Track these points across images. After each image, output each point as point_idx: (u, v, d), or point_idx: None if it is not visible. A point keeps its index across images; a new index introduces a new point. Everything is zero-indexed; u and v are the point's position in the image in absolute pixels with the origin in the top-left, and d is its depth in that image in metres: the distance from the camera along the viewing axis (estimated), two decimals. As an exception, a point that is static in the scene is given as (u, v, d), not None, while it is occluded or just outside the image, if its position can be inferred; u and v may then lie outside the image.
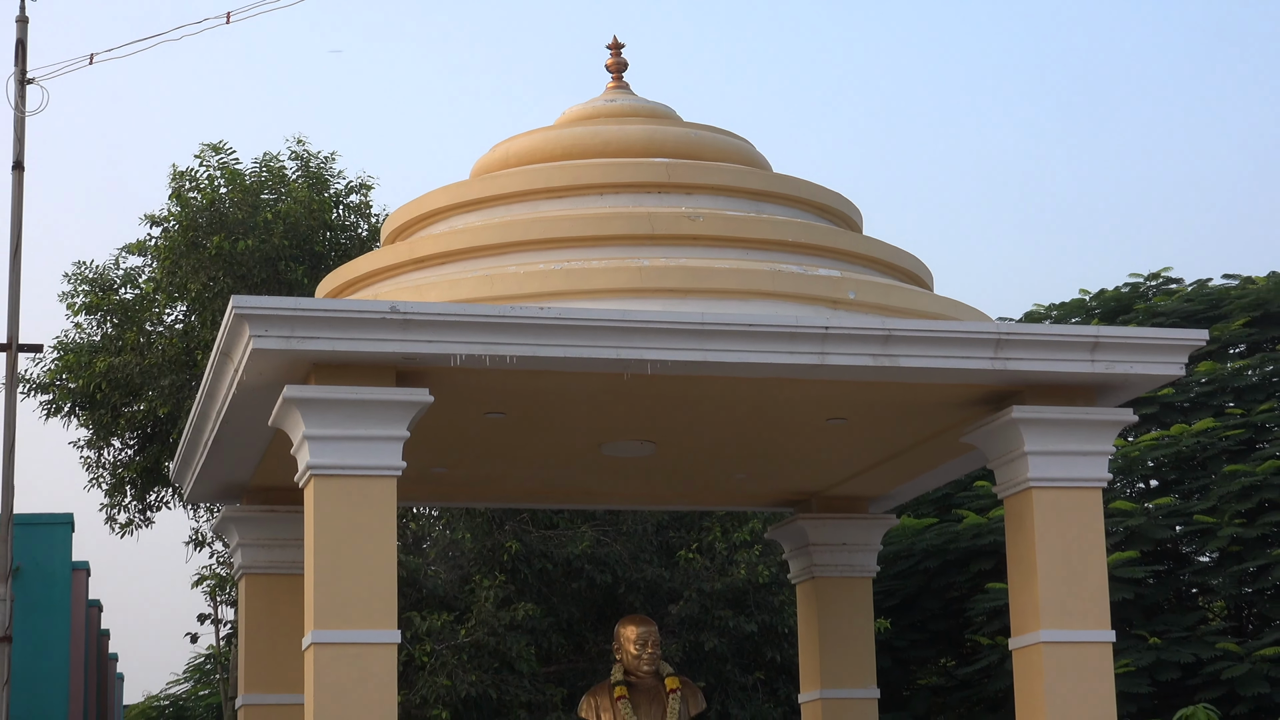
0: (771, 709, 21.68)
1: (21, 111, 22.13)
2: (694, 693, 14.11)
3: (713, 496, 16.70)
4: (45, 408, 24.44)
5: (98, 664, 30.51)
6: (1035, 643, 12.32)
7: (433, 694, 20.04)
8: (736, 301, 12.06)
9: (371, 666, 11.22)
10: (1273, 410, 26.31)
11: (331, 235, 23.97)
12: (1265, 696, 22.68)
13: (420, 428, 11.74)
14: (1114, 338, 12.36)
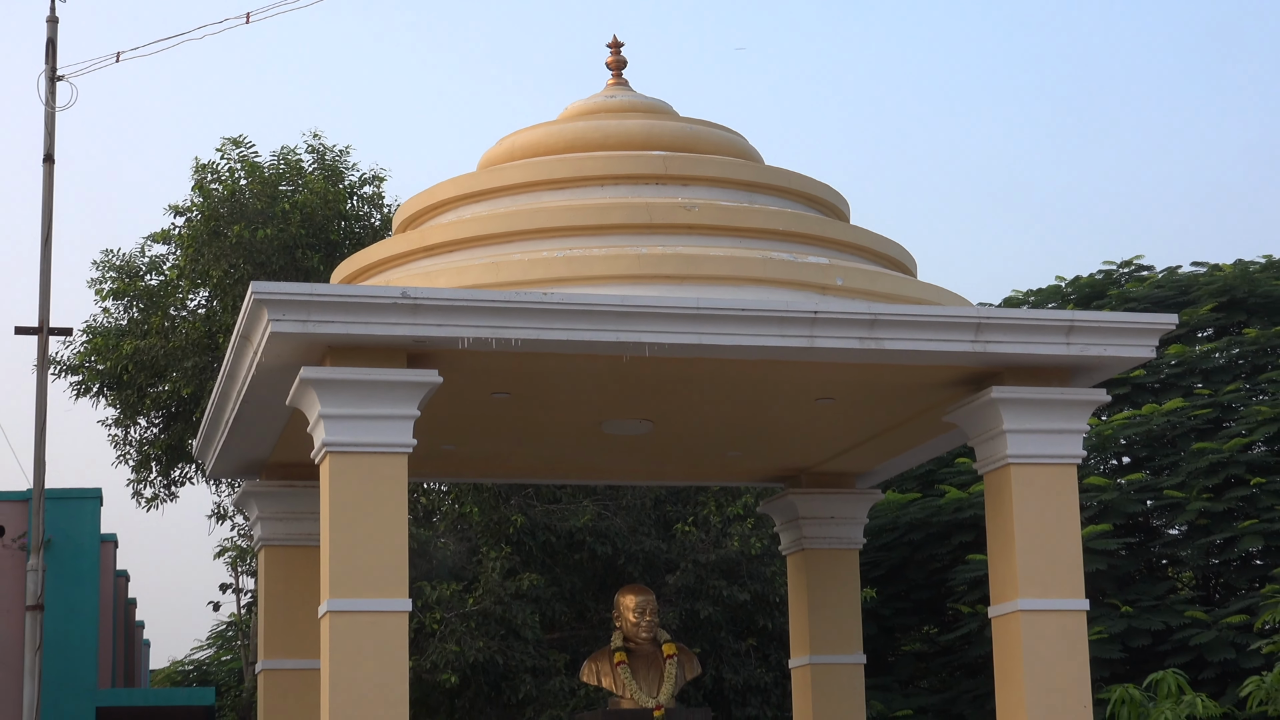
0: (763, 674, 21.71)
1: (52, 107, 22.14)
2: (690, 658, 14.12)
3: (707, 472, 16.70)
4: (75, 388, 24.46)
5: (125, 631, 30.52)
6: (1014, 611, 12.33)
7: (442, 659, 20.06)
8: (730, 287, 12.05)
9: (384, 633, 11.23)
10: (1239, 391, 26.35)
11: (346, 225, 23.97)
12: (1231, 662, 22.71)
13: (430, 407, 11.74)
14: (1088, 322, 12.36)
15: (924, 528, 25.54)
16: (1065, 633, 12.28)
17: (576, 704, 20.09)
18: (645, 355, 11.73)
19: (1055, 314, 12.36)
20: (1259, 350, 27.19)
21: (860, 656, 15.74)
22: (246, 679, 25.63)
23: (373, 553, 11.29)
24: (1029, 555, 12.32)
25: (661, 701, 13.66)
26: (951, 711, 24.50)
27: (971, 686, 24.20)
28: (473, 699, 20.58)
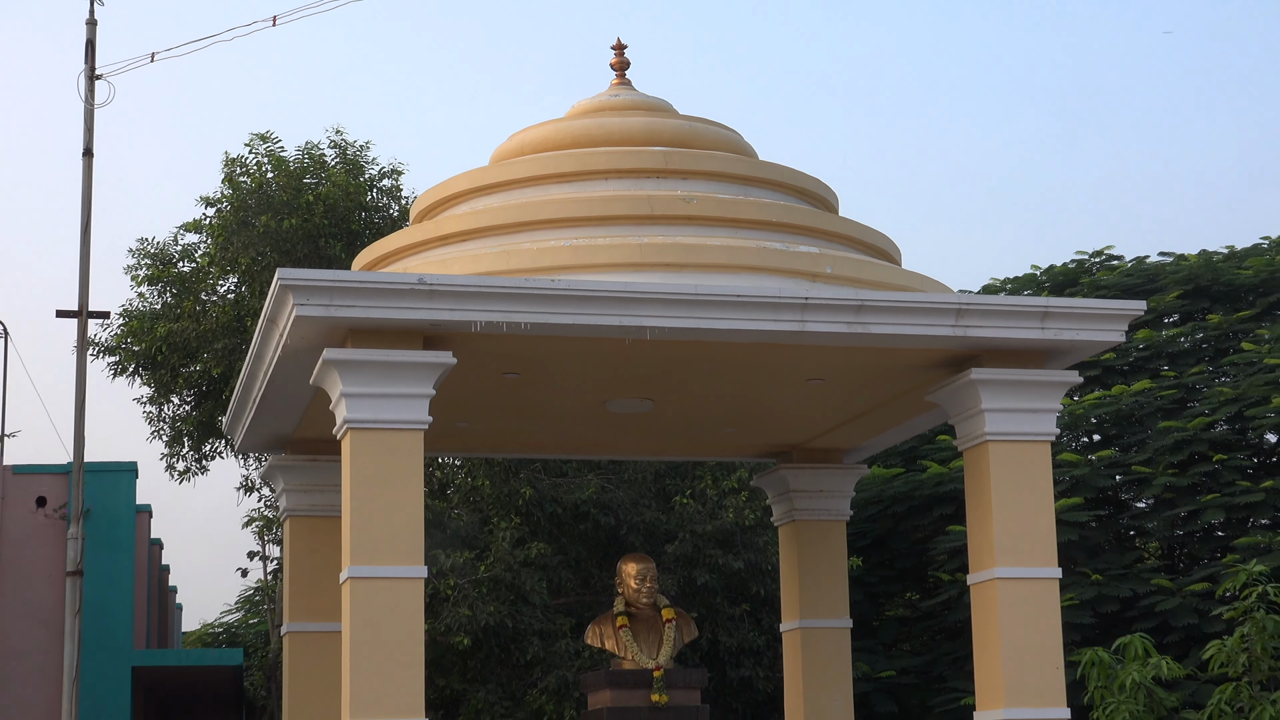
0: (756, 637, 21.72)
1: (91, 104, 22.12)
2: (687, 622, 14.14)
3: (704, 448, 16.71)
4: (112, 368, 24.46)
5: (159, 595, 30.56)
6: (991, 578, 12.35)
7: (456, 623, 20.08)
8: (726, 275, 12.06)
9: (401, 598, 11.25)
10: (1202, 373, 26.35)
11: (366, 215, 23.96)
12: (1194, 626, 22.72)
13: (444, 386, 11.74)
14: (1062, 308, 12.38)
15: (907, 501, 25.53)
16: (1039, 599, 12.30)
17: (581, 665, 20.11)
18: (646, 338, 11.75)
19: (1031, 300, 12.38)
20: (1221, 335, 27.19)
21: (847, 621, 15.76)
22: (273, 641, 25.66)
23: (391, 523, 11.32)
24: (1005, 526, 12.34)
25: (661, 662, 13.68)
26: (932, 673, 24.51)
27: (951, 649, 24.21)
28: (484, 660, 20.60)
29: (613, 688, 13.58)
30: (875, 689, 23.76)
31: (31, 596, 22.78)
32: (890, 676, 24.12)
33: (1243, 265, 28.61)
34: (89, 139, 22.13)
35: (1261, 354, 25.35)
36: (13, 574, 22.82)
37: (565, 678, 20.03)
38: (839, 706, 15.57)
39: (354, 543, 11.28)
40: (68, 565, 21.44)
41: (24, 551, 22.91)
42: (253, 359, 12.96)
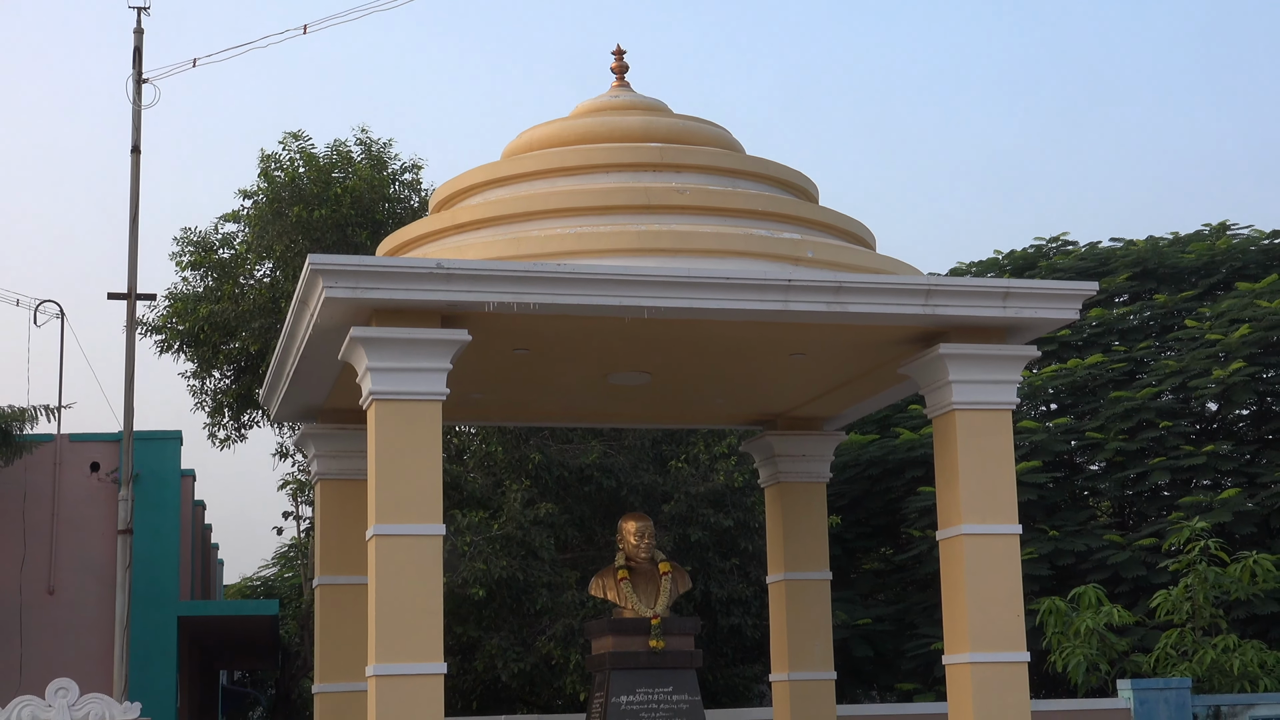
0: (744, 588, 21.75)
1: (138, 105, 22.07)
2: (682, 575, 14.14)
3: (697, 417, 16.71)
4: (158, 346, 24.45)
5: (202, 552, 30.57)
6: (958, 534, 12.35)
7: (471, 576, 20.09)
8: (716, 259, 12.04)
9: (422, 553, 11.26)
10: (1150, 348, 26.38)
11: (389, 206, 23.93)
12: (1142, 578, 22.78)
13: (460, 361, 11.73)
14: (1022, 289, 12.36)
15: (881, 464, 25.58)
16: (1001, 553, 12.31)
17: (585, 614, 20.13)
18: (644, 317, 11.73)
19: (993, 282, 12.37)
20: (1167, 313, 27.23)
21: (827, 573, 15.77)
22: (305, 592, 25.68)
23: (412, 485, 11.32)
24: (971, 487, 12.34)
25: (658, 611, 13.69)
26: (905, 620, 24.57)
27: (922, 599, 24.27)
28: (497, 610, 20.62)
29: (614, 634, 13.59)
30: (853, 635, 23.83)
31: (86, 553, 22.79)
32: (866, 624, 24.18)
33: (1186, 250, 28.65)
34: (136, 137, 22.09)
35: (1203, 330, 25.38)
36: (69, 532, 22.82)
37: (571, 626, 20.05)
38: (820, 651, 15.58)
39: (379, 503, 11.29)
40: (119, 524, 21.46)
41: (79, 512, 22.92)
42: (286, 337, 12.94)
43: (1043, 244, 30.70)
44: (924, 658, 23.23)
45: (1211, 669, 19.03)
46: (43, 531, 22.62)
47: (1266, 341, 24.48)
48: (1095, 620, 19.62)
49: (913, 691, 23.51)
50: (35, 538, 22.60)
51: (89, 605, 22.58)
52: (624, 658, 13.43)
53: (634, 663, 13.42)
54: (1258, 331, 24.37)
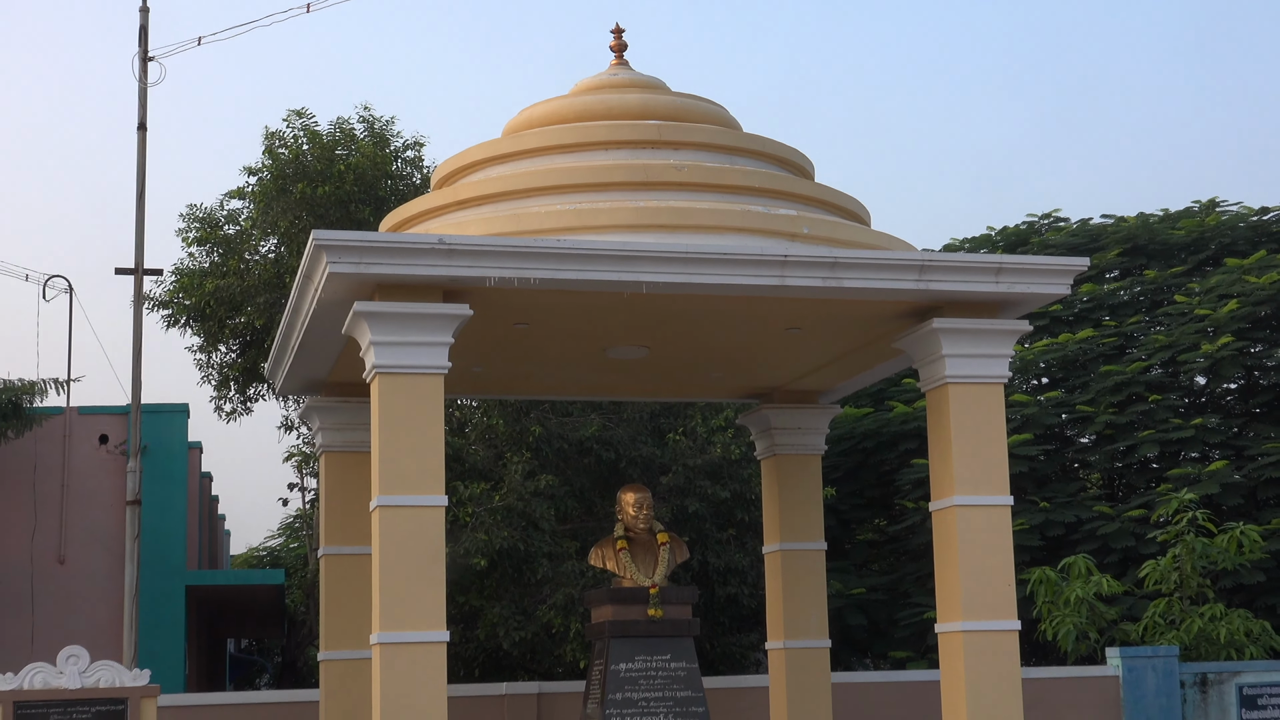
0: (741, 558, 21.77)
1: (144, 84, 22.05)
2: (679, 545, 14.17)
3: (695, 390, 16.71)
4: (165, 320, 24.42)
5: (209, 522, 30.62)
6: (950, 505, 12.36)
7: (474, 546, 20.11)
8: (713, 235, 12.03)
9: (425, 524, 11.26)
10: (1140, 322, 26.39)
11: (391, 183, 23.88)
12: (1131, 548, 22.82)
13: (462, 335, 11.73)
14: (1014, 264, 12.35)
15: (875, 437, 25.59)
16: (993, 524, 12.32)
17: (585, 583, 20.15)
18: (643, 292, 11.73)
19: (986, 257, 12.35)
20: (1157, 289, 27.21)
21: (821, 544, 15.79)
22: (311, 562, 25.71)
23: (415, 457, 11.32)
24: (963, 459, 12.35)
25: (656, 580, 13.71)
26: (898, 590, 24.62)
27: (915, 569, 24.30)
28: (499, 579, 20.64)
29: (614, 603, 13.62)
30: (847, 604, 23.87)
31: (96, 523, 22.83)
32: (860, 593, 24.22)
33: (1176, 226, 28.63)
34: (143, 114, 22.07)
35: (1192, 305, 25.38)
36: (79, 504, 22.86)
37: (571, 595, 20.08)
38: (815, 620, 15.61)
39: (382, 475, 11.29)
40: (128, 495, 21.50)
41: (89, 483, 22.95)
42: (291, 311, 12.94)
43: (1035, 220, 30.67)
44: (917, 626, 23.28)
45: (1199, 637, 19.07)
46: (53, 502, 22.65)
47: (1254, 316, 24.48)
48: (1085, 590, 19.66)
49: (906, 659, 23.57)
50: (45, 509, 22.63)
51: (98, 575, 22.63)
52: (623, 626, 13.46)
53: (633, 631, 13.45)
54: (1246, 307, 24.37)
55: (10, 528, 22.37)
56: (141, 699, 13.25)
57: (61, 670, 13.23)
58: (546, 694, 16.66)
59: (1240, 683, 17.65)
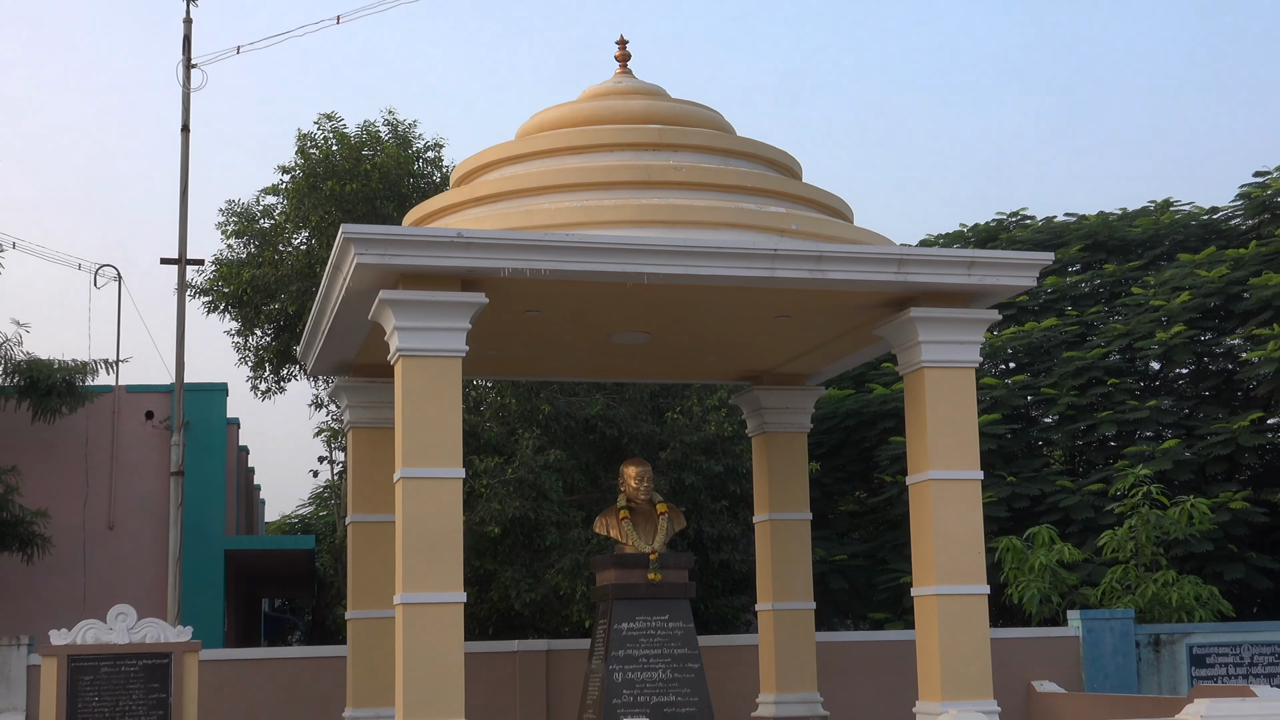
0: (733, 527, 21.78)
1: (187, 89, 21.99)
2: (677, 515, 14.17)
3: (691, 372, 16.70)
4: (206, 306, 24.41)
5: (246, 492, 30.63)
6: (926, 479, 12.36)
7: (488, 515, 20.12)
8: (709, 230, 12.01)
9: (443, 494, 11.26)
10: (1099, 312, 26.37)
11: (414, 181, 23.84)
12: (1090, 519, 22.81)
13: (478, 322, 11.71)
14: (985, 258, 12.34)
15: (857, 416, 25.58)
16: (964, 496, 12.32)
17: (590, 549, 20.16)
18: (644, 282, 11.71)
19: (959, 252, 12.34)
20: (1115, 281, 27.18)
21: (807, 514, 15.80)
22: (339, 529, 25.72)
23: (435, 433, 11.31)
24: (937, 437, 12.35)
25: (655, 547, 13.72)
26: (877, 556, 24.61)
27: (893, 538, 24.30)
28: (511, 545, 20.65)
29: (617, 568, 13.63)
30: (830, 569, 23.87)
31: (142, 492, 22.83)
32: (842, 559, 24.22)
33: (1133, 224, 28.60)
34: (186, 117, 22.02)
35: (1148, 297, 25.35)
36: (127, 474, 22.87)
37: (578, 560, 20.08)
38: (800, 584, 15.63)
39: (405, 449, 11.29)
40: (171, 467, 21.50)
41: (135, 456, 22.96)
42: (321, 299, 12.92)
43: (1004, 218, 30.62)
44: (894, 590, 23.29)
45: (1152, 601, 19.08)
46: (103, 473, 22.66)
47: (1204, 307, 24.46)
48: (1048, 557, 19.67)
49: (884, 620, 23.58)
50: (96, 479, 22.64)
51: (145, 540, 22.65)
52: (625, 589, 13.47)
53: (634, 593, 13.46)
54: (1197, 298, 24.34)
55: (64, 496, 22.38)
56: (184, 653, 13.27)
57: (111, 627, 13.25)
58: (555, 651, 16.68)
59: (1190, 643, 17.66)
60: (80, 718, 12.99)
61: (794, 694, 15.40)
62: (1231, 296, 24.47)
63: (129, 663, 13.14)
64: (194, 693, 13.24)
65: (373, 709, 14.18)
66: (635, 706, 13.16)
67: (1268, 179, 26.60)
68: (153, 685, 13.12)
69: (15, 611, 21.71)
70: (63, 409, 21.07)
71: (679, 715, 13.21)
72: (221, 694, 15.58)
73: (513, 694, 16.35)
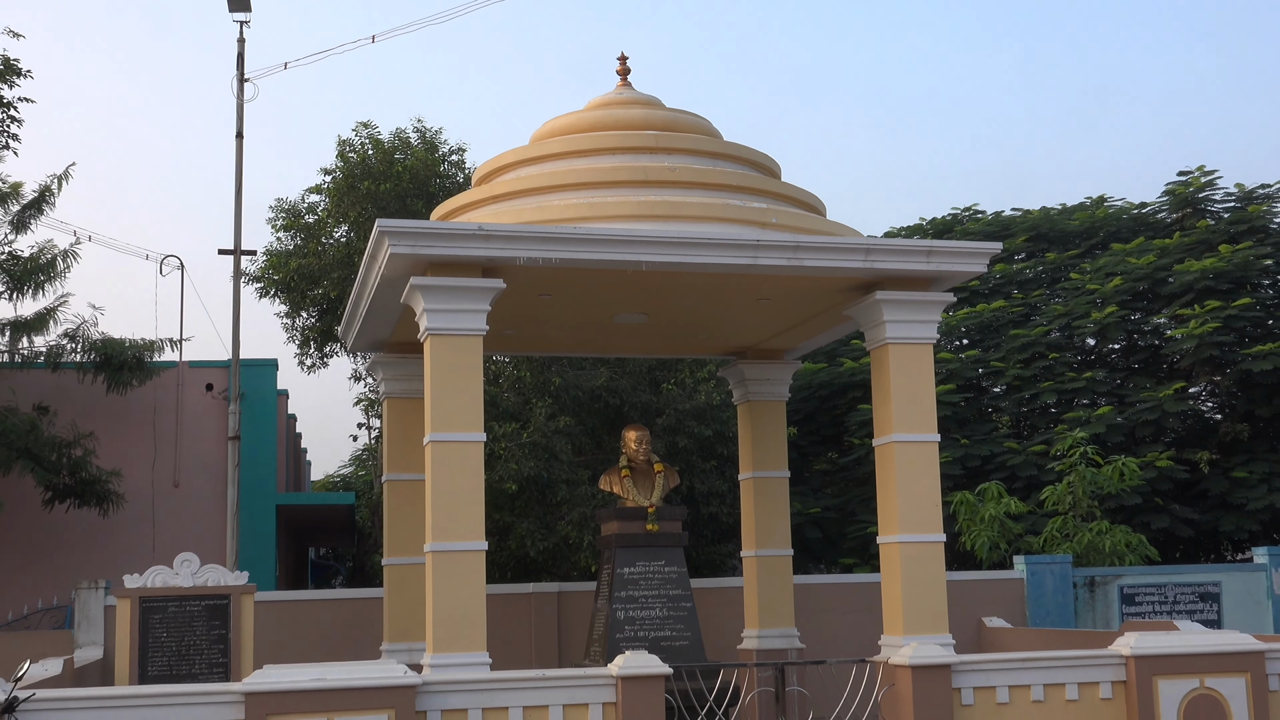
0: (721, 484, 21.81)
1: (241, 100, 21.94)
2: (672, 473, 14.19)
3: (684, 348, 16.70)
4: (258, 291, 24.39)
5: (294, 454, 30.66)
6: (890, 441, 12.37)
7: (506, 474, 20.14)
8: (700, 224, 11.99)
9: (467, 456, 11.27)
10: (1041, 295, 26.35)
11: (440, 181, 23.80)
12: (1034, 476, 22.85)
13: (497, 304, 11.71)
14: (941, 248, 12.32)
15: (829, 386, 25.59)
16: (924, 456, 12.33)
17: (596, 504, 20.20)
18: (643, 269, 11.70)
19: (919, 242, 12.32)
20: (1056, 268, 27.17)
21: (785, 472, 15.81)
22: (375, 486, 25.76)
23: (459, 402, 11.31)
24: (900, 405, 12.35)
25: (653, 501, 13.75)
26: (846, 509, 24.66)
27: (860, 493, 24.34)
28: (526, 500, 20.69)
29: (619, 519, 13.66)
30: (805, 521, 23.92)
31: (203, 455, 22.86)
32: (816, 512, 24.26)
33: (1072, 218, 28.58)
34: (240, 125, 21.97)
35: (1084, 282, 25.35)
36: (190, 439, 22.88)
37: (585, 513, 20.12)
38: (779, 533, 15.65)
39: (433, 416, 11.29)
40: (229, 432, 21.53)
41: (197, 423, 22.97)
42: (359, 284, 12.91)
43: (958, 212, 30.59)
44: (861, 538, 23.34)
45: (1088, 548, 19.13)
46: (169, 438, 22.68)
47: (1134, 290, 24.46)
48: (997, 509, 19.71)
49: (852, 565, 23.64)
50: (163, 443, 22.66)
51: (206, 496, 22.68)
52: (627, 538, 13.50)
53: (634, 542, 13.49)
54: (1128, 283, 24.34)
55: (135, 459, 22.41)
56: (241, 595, 13.30)
57: (177, 571, 13.27)
58: (565, 592, 16.72)
59: (1121, 584, 17.71)
60: (151, 651, 13.03)
61: (774, 629, 15.44)
62: (1158, 281, 24.46)
63: (193, 603, 13.18)
64: (250, 629, 13.27)
65: (406, 643, 14.22)
66: (635, 640, 13.20)
67: (1189, 178, 26.59)
68: (214, 622, 13.16)
69: (93, 559, 21.78)
70: (133, 382, 21.09)
71: (674, 648, 13.25)
72: (274, 630, 15.63)
73: (529, 630, 16.40)
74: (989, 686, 10.45)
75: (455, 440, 11.24)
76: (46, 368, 21.10)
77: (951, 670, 10.37)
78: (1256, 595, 17.83)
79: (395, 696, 9.06)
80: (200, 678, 13.05)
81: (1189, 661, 10.60)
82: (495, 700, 9.39)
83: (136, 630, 13.02)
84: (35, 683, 10.55)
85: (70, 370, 21.39)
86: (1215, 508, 22.80)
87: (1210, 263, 23.46)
